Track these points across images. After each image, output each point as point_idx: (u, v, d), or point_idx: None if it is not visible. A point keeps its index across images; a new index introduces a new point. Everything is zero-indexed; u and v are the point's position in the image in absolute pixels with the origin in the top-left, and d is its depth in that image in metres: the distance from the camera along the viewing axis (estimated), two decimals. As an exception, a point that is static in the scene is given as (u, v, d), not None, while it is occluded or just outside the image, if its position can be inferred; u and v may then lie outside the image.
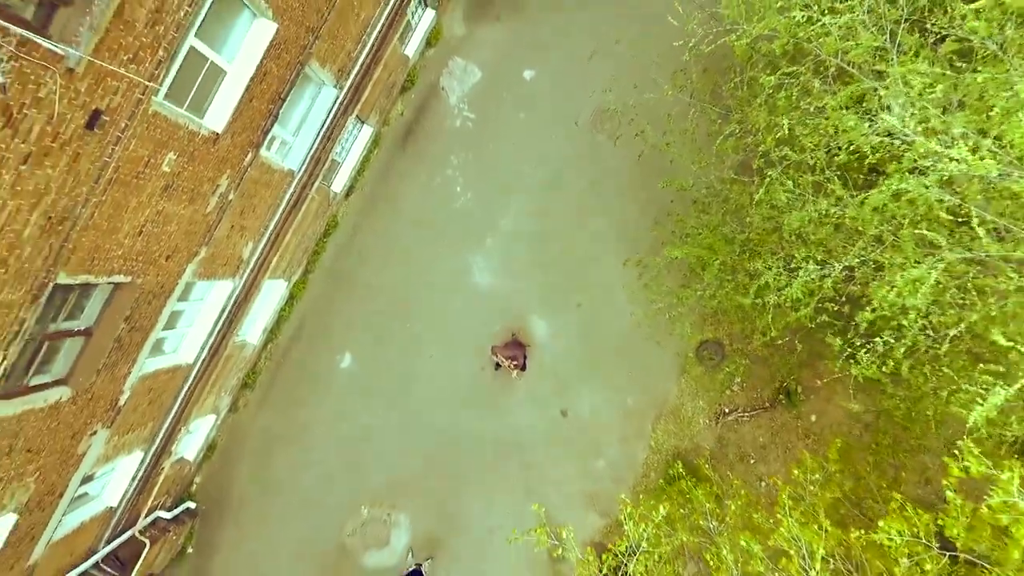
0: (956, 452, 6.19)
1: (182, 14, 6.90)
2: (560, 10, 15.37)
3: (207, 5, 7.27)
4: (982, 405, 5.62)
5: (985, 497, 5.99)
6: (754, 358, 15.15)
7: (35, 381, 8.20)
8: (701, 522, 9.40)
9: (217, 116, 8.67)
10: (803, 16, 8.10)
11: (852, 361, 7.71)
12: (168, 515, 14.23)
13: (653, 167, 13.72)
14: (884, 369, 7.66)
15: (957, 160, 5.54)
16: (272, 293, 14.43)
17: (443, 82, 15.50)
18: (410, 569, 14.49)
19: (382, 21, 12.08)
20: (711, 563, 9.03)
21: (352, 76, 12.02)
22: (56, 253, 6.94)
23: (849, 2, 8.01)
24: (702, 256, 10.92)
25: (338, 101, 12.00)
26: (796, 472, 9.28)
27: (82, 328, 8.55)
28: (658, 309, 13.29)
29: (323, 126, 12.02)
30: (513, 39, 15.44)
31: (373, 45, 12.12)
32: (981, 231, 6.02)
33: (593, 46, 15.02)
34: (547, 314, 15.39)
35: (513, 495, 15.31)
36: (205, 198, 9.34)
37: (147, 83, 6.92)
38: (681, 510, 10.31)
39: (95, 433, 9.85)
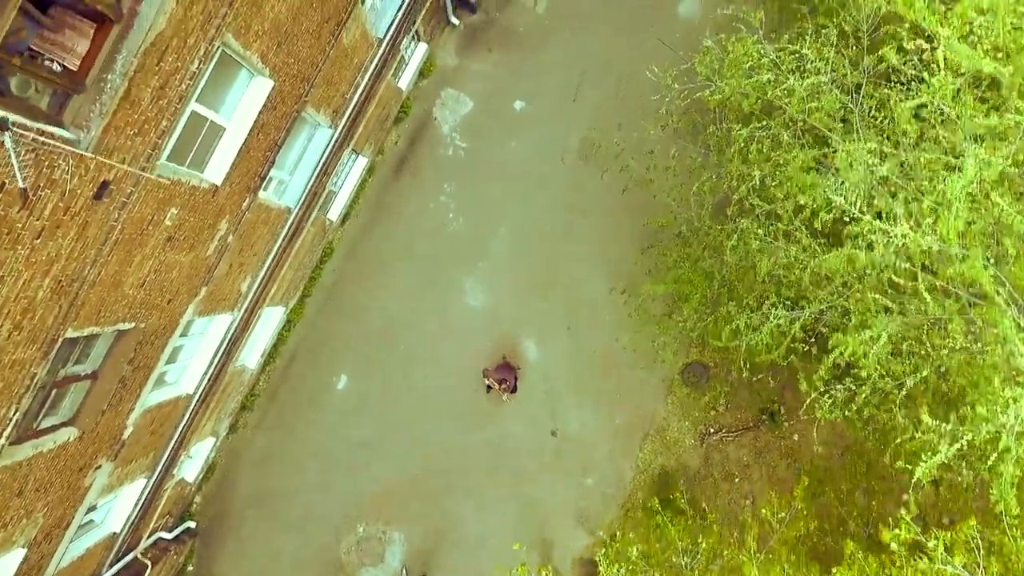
0: (903, 505, 6.65)
1: (184, 86, 7.35)
2: (550, 43, 15.81)
3: (207, 74, 7.71)
4: (926, 461, 6.09)
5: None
6: (737, 382, 15.65)
7: (44, 424, 8.65)
8: (675, 559, 9.87)
9: (217, 169, 9.12)
10: (771, 76, 8.56)
11: (816, 406, 8.19)
12: (169, 535, 14.67)
13: (639, 198, 14.15)
14: (847, 414, 8.13)
15: (901, 236, 6.01)
16: (270, 319, 14.88)
17: (436, 112, 15.94)
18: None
19: (375, 62, 12.51)
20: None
21: (347, 115, 12.45)
22: (65, 312, 7.39)
23: (815, 64, 8.46)
24: (682, 291, 11.38)
25: (333, 139, 12.44)
26: (764, 511, 9.75)
27: (88, 372, 9.00)
28: (643, 337, 13.74)
29: (319, 163, 12.46)
30: (504, 71, 15.88)
31: (367, 85, 12.56)
32: (927, 295, 6.48)
33: (581, 79, 15.47)
34: (537, 336, 15.85)
35: (505, 512, 15.79)
36: (205, 244, 9.79)
37: (151, 151, 7.36)
38: (657, 544, 10.77)
39: (100, 467, 10.30)
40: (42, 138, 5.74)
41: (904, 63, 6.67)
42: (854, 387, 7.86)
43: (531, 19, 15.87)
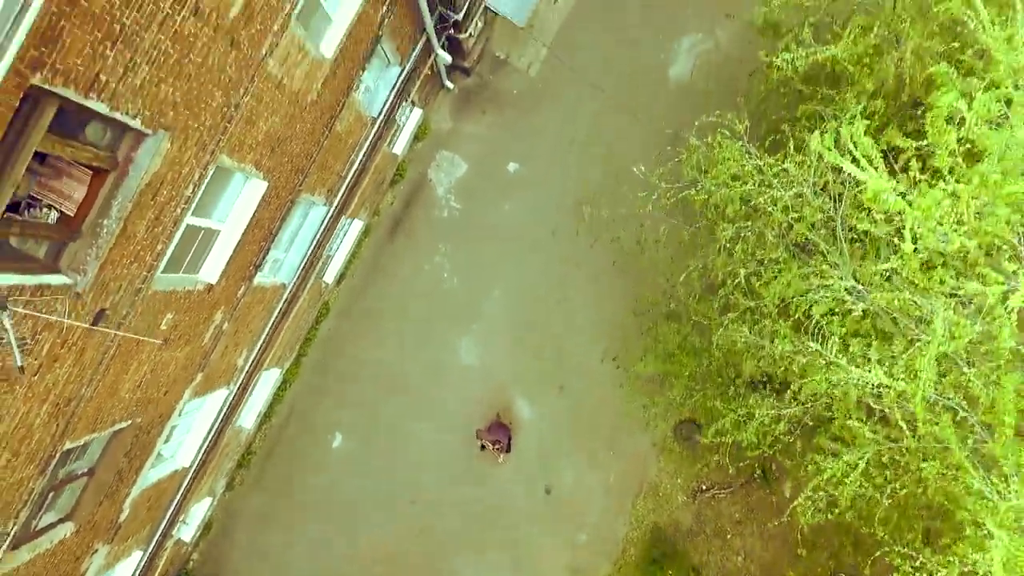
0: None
1: (179, 211, 7.55)
2: (543, 106, 16.03)
3: (200, 193, 7.91)
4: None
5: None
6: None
7: (42, 524, 8.82)
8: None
9: (212, 270, 9.31)
10: (755, 183, 8.75)
11: (800, 511, 8.36)
12: (169, 593, 14.81)
13: (631, 265, 14.38)
14: (829, 517, 8.30)
15: (875, 383, 6.20)
16: (267, 382, 15.04)
17: (431, 174, 16.15)
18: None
19: (370, 138, 12.73)
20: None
21: (342, 191, 12.67)
22: (63, 430, 7.57)
23: (800, 173, 8.64)
24: (670, 370, 11.55)
25: (328, 215, 12.65)
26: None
27: (85, 470, 9.17)
28: (634, 405, 13.91)
29: (314, 238, 12.67)
30: (498, 133, 16.10)
31: (362, 160, 12.78)
32: (903, 424, 6.65)
33: (573, 143, 15.70)
34: (531, 395, 16.01)
35: (500, 567, 15.94)
36: (201, 336, 9.98)
37: (147, 272, 7.56)
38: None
39: (96, 551, 10.46)
40: (38, 297, 5.93)
41: (873, 225, 6.85)
42: (834, 493, 8.03)
43: (524, 82, 16.10)
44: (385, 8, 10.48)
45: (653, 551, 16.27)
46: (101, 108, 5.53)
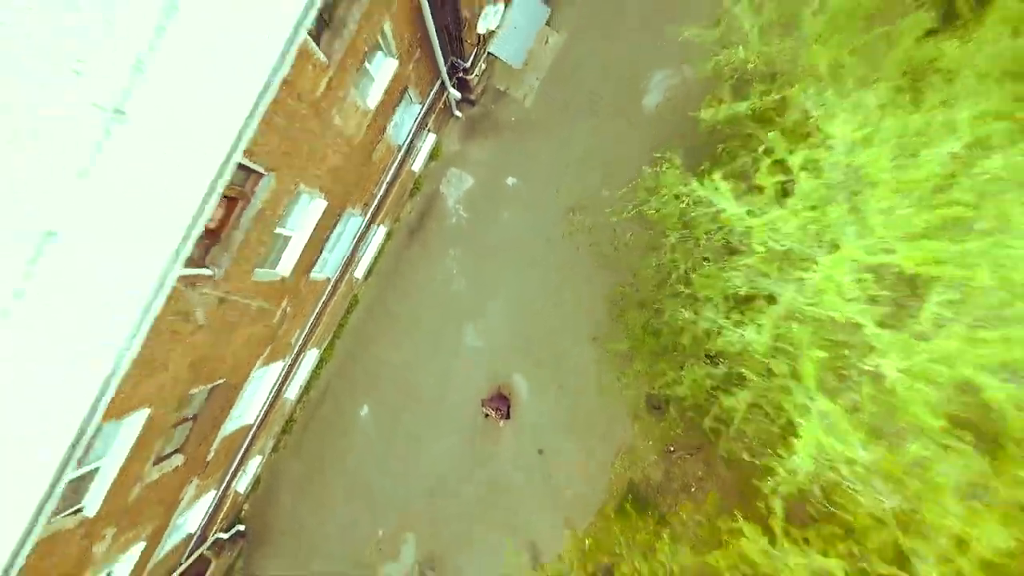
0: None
1: (274, 225, 10.74)
2: (536, 130, 19.18)
3: (285, 211, 11.08)
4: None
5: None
6: (691, 408, 18.98)
7: (166, 451, 12.00)
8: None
9: (286, 266, 12.49)
10: (689, 201, 11.88)
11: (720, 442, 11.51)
12: (225, 536, 17.99)
13: (608, 263, 17.55)
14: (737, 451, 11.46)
15: (747, 338, 9.35)
16: (309, 360, 18.22)
17: (443, 188, 19.33)
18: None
19: (396, 161, 15.90)
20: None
21: (374, 204, 15.84)
22: (193, 379, 10.75)
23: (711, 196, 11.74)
24: (635, 348, 14.72)
25: (363, 223, 15.82)
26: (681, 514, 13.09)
27: (191, 415, 12.36)
28: (611, 379, 17.09)
29: (351, 241, 15.84)
30: (498, 153, 19.26)
31: (390, 180, 15.95)
32: (767, 361, 9.81)
33: (562, 162, 18.87)
34: (526, 372, 19.15)
35: (499, 526, 19.11)
36: (274, 315, 13.16)
37: (252, 267, 10.74)
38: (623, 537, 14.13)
39: (191, 483, 13.64)
40: (193, 284, 9.13)
41: (731, 235, 10.06)
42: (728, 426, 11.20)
43: (520, 111, 19.27)
44: (412, 65, 13.65)
45: (628, 503, 19.45)
46: (250, 164, 8.71)
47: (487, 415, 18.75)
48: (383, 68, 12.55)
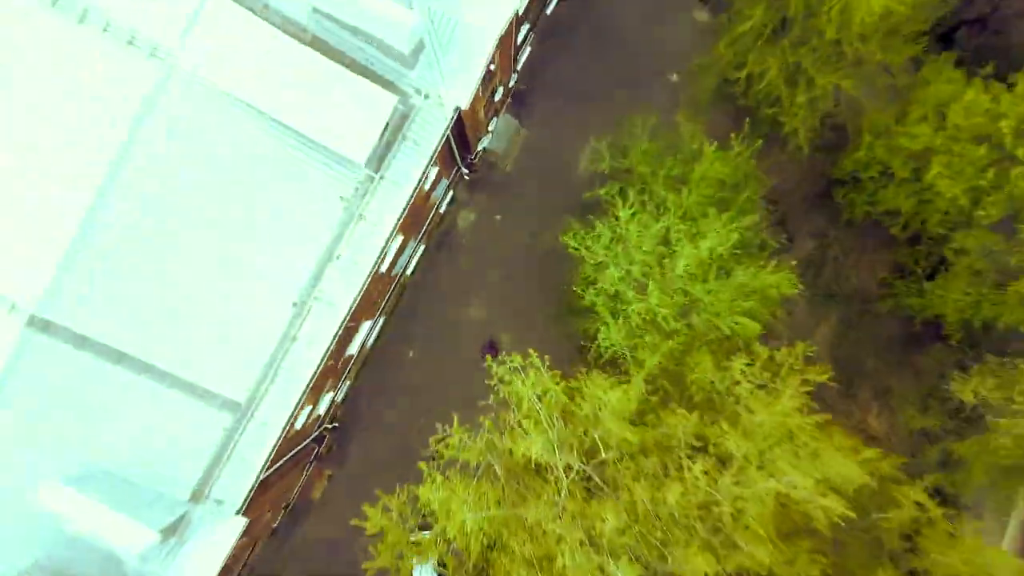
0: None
1: (386, 251, 23.56)
2: (513, 185, 31.95)
3: (390, 245, 23.95)
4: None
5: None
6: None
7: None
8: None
9: (384, 267, 25.23)
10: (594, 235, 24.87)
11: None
12: (330, 426, 30.72)
13: (562, 269, 30.35)
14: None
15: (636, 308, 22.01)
16: (379, 323, 30.94)
17: (458, 221, 32.07)
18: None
19: (434, 209, 28.65)
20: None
21: (422, 234, 28.63)
22: (358, 314, 23.58)
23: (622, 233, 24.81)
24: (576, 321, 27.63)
25: (415, 245, 28.59)
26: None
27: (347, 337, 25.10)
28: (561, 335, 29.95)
29: (410, 255, 28.59)
30: (490, 200, 32.03)
31: (431, 220, 28.70)
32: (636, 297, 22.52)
33: (529, 206, 31.65)
34: (508, 330, 31.91)
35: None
36: (379, 295, 25.87)
37: (379, 268, 23.55)
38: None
39: (327, 382, 26.32)
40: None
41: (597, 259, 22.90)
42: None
43: (503, 175, 32.10)
44: (444, 167, 26.38)
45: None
46: (397, 233, 21.54)
47: (489, 349, 31.53)
48: (433, 171, 25.29)
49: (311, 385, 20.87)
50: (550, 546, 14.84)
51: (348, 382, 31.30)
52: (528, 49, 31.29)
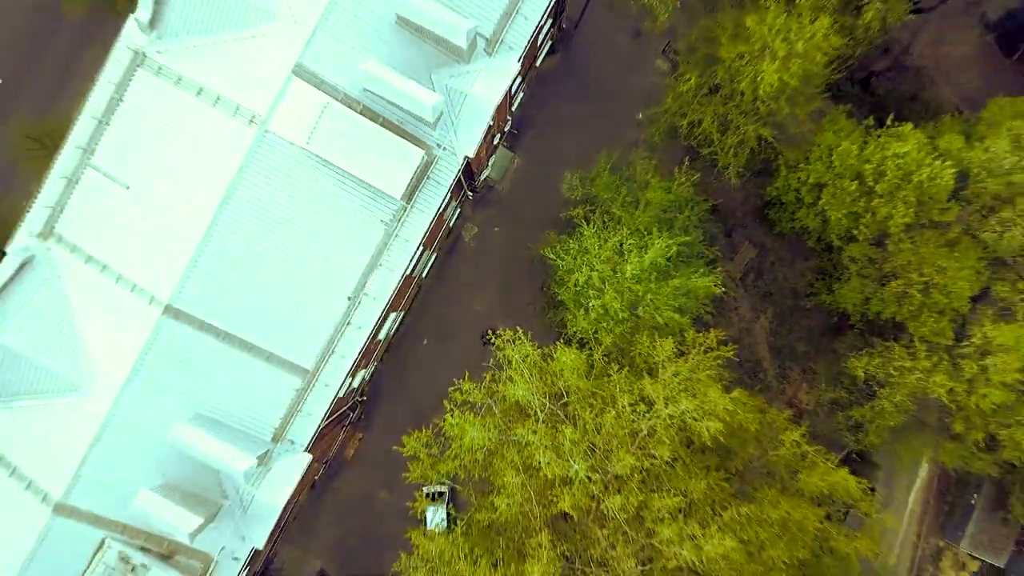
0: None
1: (415, 256, 31.10)
2: (508, 201, 39.38)
3: (416, 253, 31.47)
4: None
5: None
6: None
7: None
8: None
9: (407, 271, 32.72)
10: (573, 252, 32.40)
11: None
12: (361, 399, 38.16)
13: (544, 272, 37.81)
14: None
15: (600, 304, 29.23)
16: (398, 316, 38.34)
17: (462, 232, 39.50)
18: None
19: (445, 224, 36.10)
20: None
21: (435, 244, 36.08)
22: (393, 307, 31.12)
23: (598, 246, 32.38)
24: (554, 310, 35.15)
25: (431, 254, 36.04)
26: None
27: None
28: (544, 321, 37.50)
29: (428, 263, 36.03)
30: (488, 213, 39.48)
31: (443, 233, 36.14)
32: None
33: (522, 218, 39.11)
34: (504, 322, 39.34)
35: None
36: (403, 292, 33.35)
37: (409, 271, 31.08)
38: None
39: (366, 366, 33.73)
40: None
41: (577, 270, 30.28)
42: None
43: (500, 195, 39.55)
44: (455, 194, 33.81)
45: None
46: (421, 248, 29.05)
47: (484, 342, 38.98)
48: (447, 199, 32.69)
49: (358, 360, 28.34)
50: (531, 455, 22.24)
51: (375, 364, 38.73)
52: (520, 95, 38.76)
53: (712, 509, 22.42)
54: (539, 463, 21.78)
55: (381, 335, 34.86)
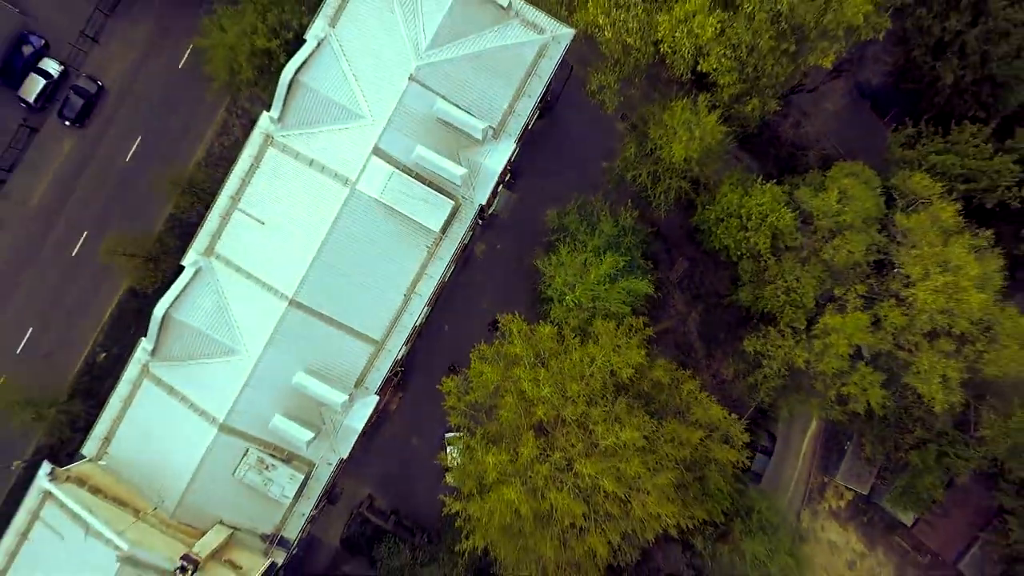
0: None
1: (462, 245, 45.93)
2: (508, 227, 54.13)
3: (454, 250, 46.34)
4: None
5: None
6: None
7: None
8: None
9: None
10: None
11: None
12: (401, 369, 52.87)
13: (534, 276, 52.55)
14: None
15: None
16: (428, 310, 53.05)
17: (474, 248, 54.20)
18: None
19: (463, 244, 50.89)
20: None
21: (459, 260, 50.87)
22: (434, 305, 45.90)
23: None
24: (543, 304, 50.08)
25: (455, 266, 50.82)
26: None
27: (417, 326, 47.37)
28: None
29: (453, 270, 50.79)
30: (494, 237, 54.20)
31: (457, 249, 50.92)
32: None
33: (520, 238, 53.86)
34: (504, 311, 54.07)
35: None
36: (435, 292, 48.12)
37: (445, 272, 45.89)
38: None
39: (408, 344, 48.47)
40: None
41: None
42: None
43: (503, 221, 54.33)
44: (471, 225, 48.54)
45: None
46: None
47: (490, 328, 53.77)
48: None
49: (409, 335, 43.18)
50: (521, 385, 37.20)
51: (409, 344, 53.41)
52: (516, 148, 53.57)
53: (628, 416, 37.54)
54: (525, 389, 36.65)
55: (418, 322, 49.58)
